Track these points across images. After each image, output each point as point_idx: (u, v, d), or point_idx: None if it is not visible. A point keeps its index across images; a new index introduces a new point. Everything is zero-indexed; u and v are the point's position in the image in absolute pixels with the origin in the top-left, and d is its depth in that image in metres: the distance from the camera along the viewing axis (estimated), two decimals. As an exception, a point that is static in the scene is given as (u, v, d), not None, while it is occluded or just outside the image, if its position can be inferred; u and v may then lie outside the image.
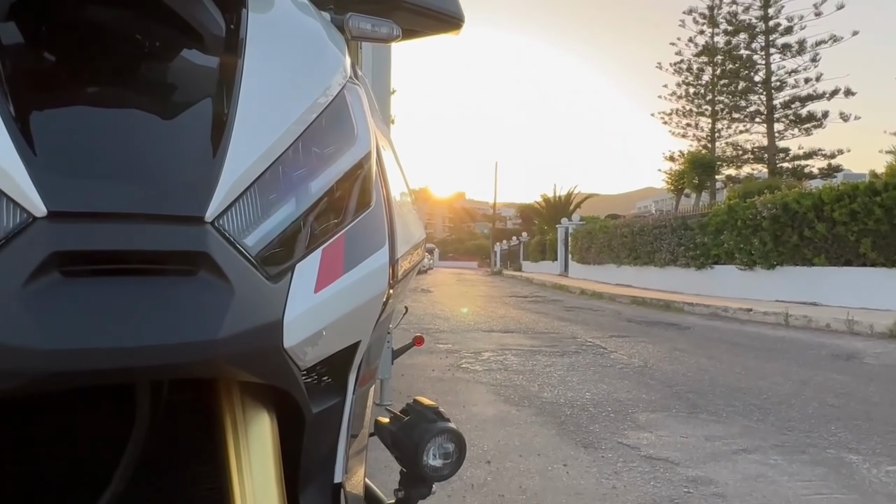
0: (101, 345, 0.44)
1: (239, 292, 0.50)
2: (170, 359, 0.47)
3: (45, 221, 0.43)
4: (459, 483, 2.94)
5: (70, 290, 0.44)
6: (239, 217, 0.52)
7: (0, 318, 0.42)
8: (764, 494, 2.85)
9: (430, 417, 0.82)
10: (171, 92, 0.55)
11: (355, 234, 0.64)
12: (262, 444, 0.66)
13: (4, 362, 0.42)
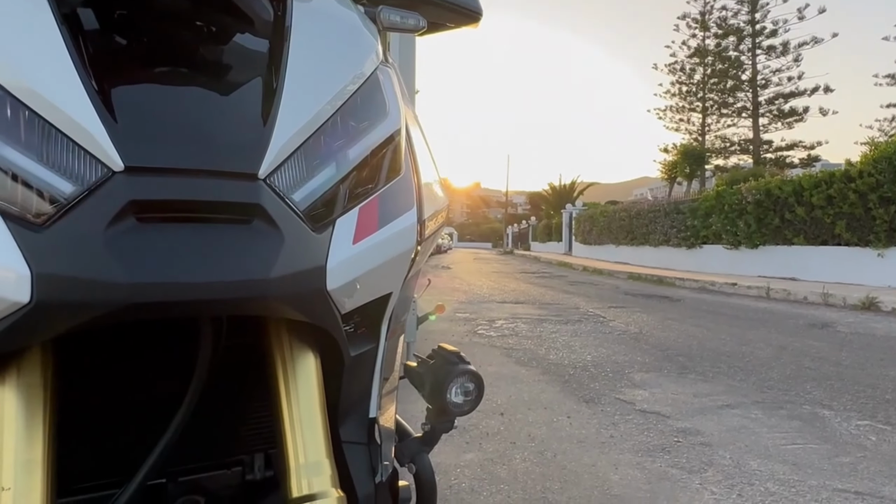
0: (173, 279, 0.45)
1: (288, 240, 0.51)
2: (230, 294, 0.48)
3: (123, 175, 0.45)
4: (476, 431, 2.97)
5: (145, 234, 0.45)
6: (287, 176, 0.53)
7: (87, 258, 0.43)
8: (746, 444, 2.84)
9: (453, 360, 0.83)
10: (227, 70, 0.56)
11: (387, 196, 0.65)
12: (308, 381, 0.67)
13: (91, 295, 0.43)
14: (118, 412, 0.71)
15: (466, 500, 2.20)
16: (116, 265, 0.43)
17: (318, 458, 0.64)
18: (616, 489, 2.32)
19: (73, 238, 0.43)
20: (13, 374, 0.54)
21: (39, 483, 0.52)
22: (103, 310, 0.44)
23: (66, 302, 0.43)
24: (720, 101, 33.99)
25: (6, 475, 0.51)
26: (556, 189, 43.22)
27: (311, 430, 0.64)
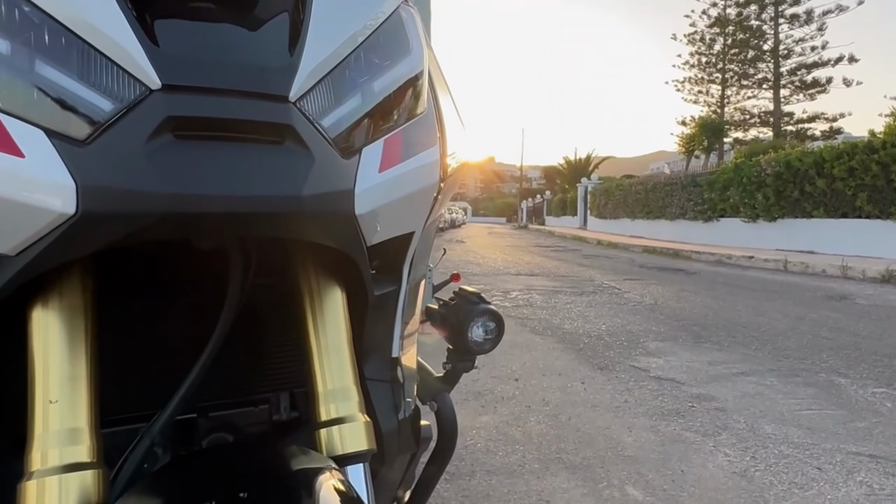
0: (210, 192, 0.47)
1: (318, 161, 0.53)
2: (265, 208, 0.50)
3: (160, 93, 0.46)
4: (491, 396, 3.01)
5: (182, 149, 0.47)
6: (315, 102, 0.54)
7: (128, 170, 0.45)
8: (760, 409, 2.85)
9: (474, 300, 0.85)
10: (255, 4, 0.57)
11: (411, 131, 0.66)
12: (335, 314, 0.69)
13: (133, 205, 0.45)
14: (149, 346, 0.74)
15: (482, 459, 2.25)
16: (156, 177, 0.45)
17: (345, 384, 0.66)
18: (629, 450, 2.35)
19: (113, 152, 0.45)
20: (56, 297, 0.56)
21: (85, 398, 0.55)
22: (144, 220, 0.46)
23: (110, 213, 0.45)
24: (740, 72, 33.28)
25: (53, 389, 0.54)
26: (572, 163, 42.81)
27: (339, 358, 0.67)
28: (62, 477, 0.51)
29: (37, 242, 0.47)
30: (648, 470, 2.17)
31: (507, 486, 2.03)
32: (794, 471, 2.18)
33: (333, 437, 0.63)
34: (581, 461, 2.24)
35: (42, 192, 0.45)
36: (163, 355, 0.74)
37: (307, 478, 0.52)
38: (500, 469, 2.17)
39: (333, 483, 0.52)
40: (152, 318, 0.74)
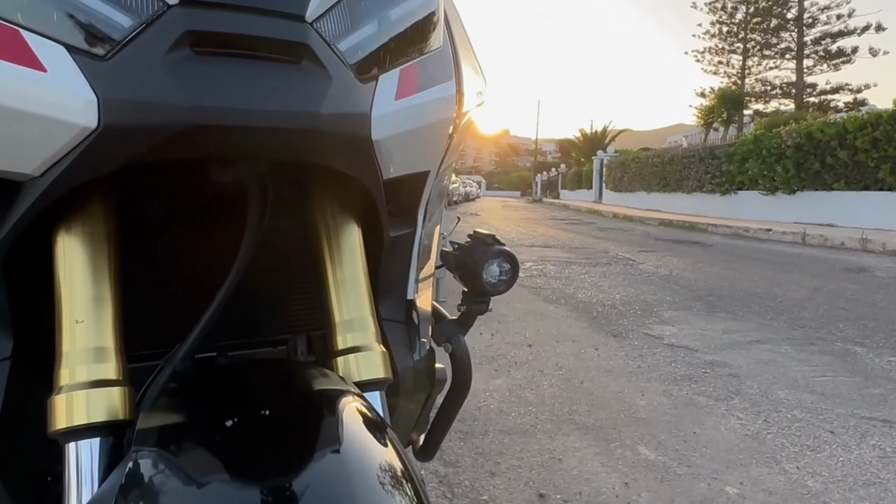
0: (230, 105, 0.48)
1: (335, 82, 0.53)
2: (283, 123, 0.50)
3: (178, 7, 0.47)
4: (504, 361, 3.04)
5: (200, 64, 0.47)
6: (332, 25, 0.54)
7: (148, 83, 0.46)
8: (774, 375, 2.85)
9: (489, 241, 0.85)
10: None
11: (427, 63, 0.65)
12: (352, 252, 0.70)
13: (154, 117, 0.46)
14: (168, 283, 0.75)
15: (495, 419, 2.28)
16: (175, 89, 0.46)
17: (362, 315, 0.67)
18: (642, 413, 2.37)
19: (133, 67, 0.46)
20: (79, 222, 0.58)
21: (110, 319, 0.56)
22: (164, 133, 0.46)
23: (131, 126, 0.46)
24: (762, 41, 32.43)
25: (79, 309, 0.55)
26: (587, 136, 42.25)
27: (355, 290, 0.68)
28: (89, 392, 0.52)
29: (60, 161, 0.48)
30: (661, 431, 2.19)
31: (519, 445, 2.06)
32: (806, 434, 2.19)
33: (350, 364, 0.64)
34: (593, 422, 2.26)
35: (64, 105, 0.45)
36: (182, 292, 0.75)
37: (329, 399, 0.53)
38: (513, 429, 2.20)
39: (356, 405, 0.53)
40: (171, 256, 0.76)
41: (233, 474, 0.43)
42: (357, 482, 0.44)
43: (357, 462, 0.46)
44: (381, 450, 0.48)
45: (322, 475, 0.44)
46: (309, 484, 0.43)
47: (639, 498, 1.72)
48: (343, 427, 0.48)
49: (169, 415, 0.52)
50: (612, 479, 1.83)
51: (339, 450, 0.46)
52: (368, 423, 0.51)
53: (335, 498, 0.42)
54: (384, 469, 0.46)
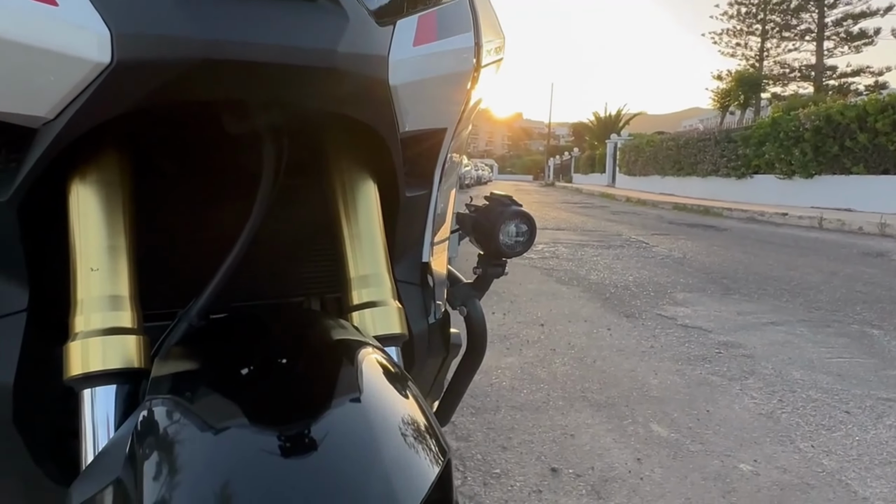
0: (245, 38, 0.46)
1: (352, 22, 0.51)
2: (299, 60, 0.49)
3: None
4: (516, 339, 3.03)
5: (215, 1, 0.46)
6: None
7: (162, 17, 0.45)
8: (789, 356, 2.82)
9: (506, 202, 0.84)
10: None
11: (446, 13, 0.64)
12: (368, 208, 0.69)
13: (168, 51, 0.45)
14: (180, 241, 0.75)
15: (507, 396, 2.28)
16: (190, 23, 0.45)
17: (378, 270, 0.66)
18: (655, 392, 2.35)
19: (146, 1, 0.44)
20: (93, 170, 0.57)
21: (125, 268, 0.56)
22: (179, 69, 0.45)
23: (144, 60, 0.45)
24: (782, 23, 31.77)
25: (93, 257, 0.55)
26: (601, 119, 41.84)
27: (371, 246, 0.67)
28: (105, 339, 0.52)
29: (73, 101, 0.47)
30: (674, 409, 2.18)
31: (531, 421, 2.06)
32: (821, 414, 2.17)
33: (366, 319, 0.64)
34: (606, 400, 2.26)
35: (76, 40, 0.44)
36: (194, 251, 0.74)
37: (348, 349, 0.52)
38: (525, 405, 2.19)
39: (376, 357, 0.52)
40: (183, 213, 0.75)
41: (250, 420, 0.42)
42: (379, 431, 0.42)
43: (379, 411, 0.44)
44: (403, 401, 0.47)
45: (342, 423, 0.43)
46: (328, 431, 0.41)
47: (652, 473, 1.72)
48: (363, 377, 0.47)
49: (184, 363, 0.51)
50: (625, 454, 1.83)
51: (360, 399, 0.44)
52: (389, 375, 0.50)
53: (355, 446, 0.41)
54: (407, 421, 0.45)
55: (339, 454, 0.39)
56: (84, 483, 0.45)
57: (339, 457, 0.39)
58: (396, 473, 0.39)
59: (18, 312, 0.62)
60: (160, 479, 0.39)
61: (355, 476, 0.38)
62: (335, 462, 0.39)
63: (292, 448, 0.40)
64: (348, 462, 0.39)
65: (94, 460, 0.47)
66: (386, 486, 0.38)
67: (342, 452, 0.40)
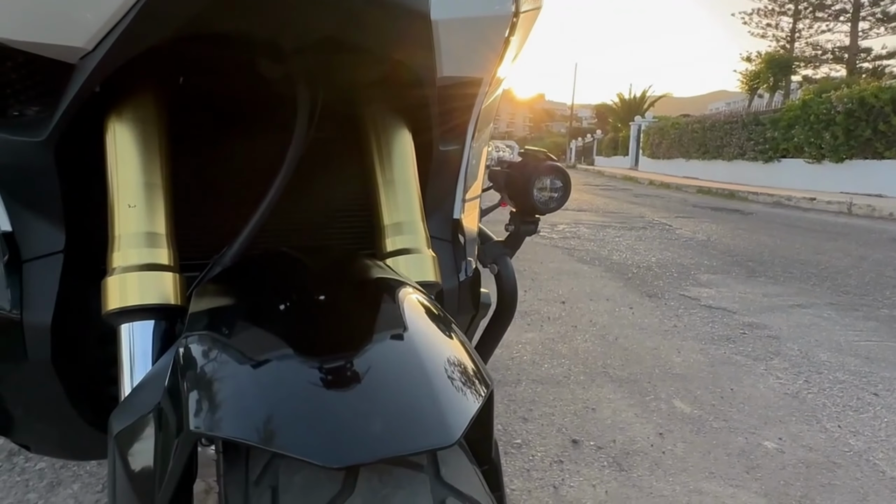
0: None
1: None
2: None
3: None
4: (537, 316, 3.02)
5: None
6: None
7: None
8: (816, 339, 2.78)
9: (540, 157, 0.82)
10: None
11: None
12: (403, 155, 0.68)
13: None
14: (213, 189, 0.74)
15: (528, 370, 2.27)
16: None
17: (412, 218, 0.65)
18: (678, 369, 2.33)
19: None
20: (130, 110, 0.57)
21: (161, 206, 0.56)
22: (198, 4, 0.44)
23: None
24: (816, 2, 30.77)
25: (131, 194, 0.55)
26: (625, 101, 41.11)
27: (406, 193, 0.66)
28: (141, 274, 0.52)
29: (111, 31, 0.47)
30: (697, 387, 2.16)
31: (552, 394, 2.05)
32: (849, 395, 2.13)
33: (399, 266, 0.63)
34: (628, 376, 2.24)
35: None
36: (228, 198, 0.74)
37: (390, 287, 0.51)
38: (546, 379, 2.19)
39: (417, 297, 0.51)
40: (216, 162, 0.75)
41: (289, 353, 0.41)
42: (424, 362, 0.41)
43: (422, 345, 0.43)
44: (446, 336, 0.45)
45: (386, 357, 0.41)
46: (372, 363, 0.40)
47: (674, 448, 1.71)
48: (406, 314, 0.46)
49: (222, 299, 0.51)
50: (647, 429, 1.82)
51: (403, 333, 0.43)
52: (430, 314, 0.48)
53: (402, 375, 0.40)
54: (450, 355, 0.43)
55: (384, 383, 0.38)
56: (123, 412, 0.45)
57: (385, 385, 0.38)
58: (443, 401, 0.38)
59: (55, 253, 0.62)
60: (200, 408, 0.39)
61: (403, 403, 0.37)
62: (380, 390, 0.38)
63: (336, 379, 0.39)
64: (394, 390, 0.38)
65: (133, 391, 0.47)
66: (435, 411, 0.37)
67: (388, 381, 0.39)
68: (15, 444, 0.77)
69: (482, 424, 0.44)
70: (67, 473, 1.47)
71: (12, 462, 1.51)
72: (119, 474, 0.43)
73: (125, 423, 0.43)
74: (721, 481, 1.55)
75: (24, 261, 0.61)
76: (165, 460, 0.39)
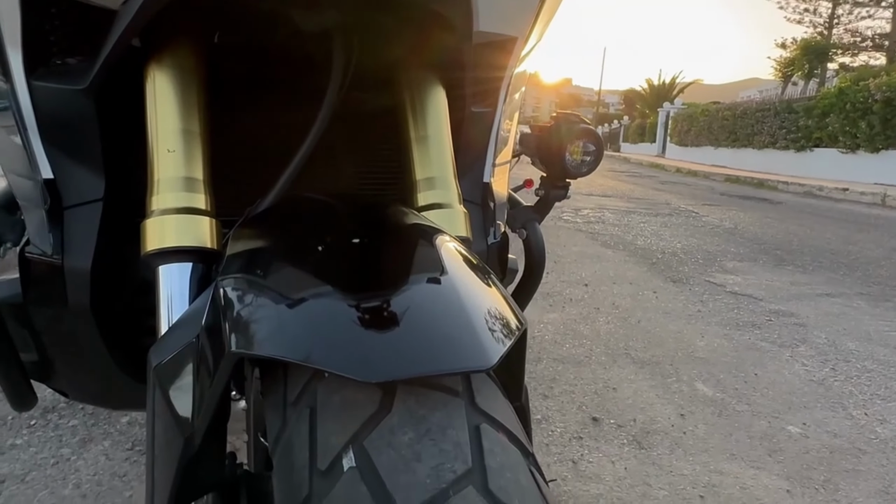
0: None
1: None
2: None
3: None
4: (559, 297, 3.01)
5: None
6: None
7: None
8: (844, 327, 2.73)
9: (573, 120, 0.81)
10: None
11: None
12: (437, 111, 0.68)
13: None
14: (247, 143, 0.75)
15: (549, 349, 2.27)
16: None
17: (445, 174, 0.65)
18: (701, 353, 2.31)
19: None
20: (169, 59, 0.57)
21: (199, 152, 0.57)
22: None
23: None
24: (857, -13, 29.76)
25: (171, 139, 0.56)
26: (654, 87, 40.37)
27: (438, 148, 0.66)
28: (179, 217, 0.53)
29: None
30: (720, 371, 2.14)
31: (573, 373, 2.05)
32: (877, 384, 2.09)
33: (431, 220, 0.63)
34: (650, 358, 2.23)
35: None
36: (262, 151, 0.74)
37: (425, 233, 0.51)
38: (567, 358, 2.19)
39: (454, 245, 0.50)
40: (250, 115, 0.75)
41: (326, 292, 0.40)
42: (462, 300, 0.40)
43: (460, 284, 0.42)
44: (483, 280, 0.45)
45: (423, 290, 0.41)
46: (409, 296, 0.40)
47: (695, 429, 1.70)
48: (443, 257, 0.45)
49: (258, 241, 0.51)
50: (668, 409, 1.81)
51: (440, 274, 0.43)
52: (467, 260, 0.48)
53: (436, 310, 0.39)
54: (489, 299, 0.43)
55: (422, 310, 0.38)
56: (162, 346, 0.46)
57: (422, 311, 0.38)
58: (479, 330, 0.38)
59: (95, 201, 0.64)
60: (240, 332, 0.39)
61: (440, 328, 0.37)
62: (418, 316, 0.38)
63: (374, 307, 0.38)
64: (432, 317, 0.38)
65: (171, 327, 0.48)
66: (471, 337, 0.37)
67: (426, 309, 0.39)
68: (53, 390, 0.80)
69: (515, 364, 0.44)
70: (98, 431, 1.51)
71: (46, 419, 1.56)
72: (159, 405, 0.44)
73: (164, 357, 0.44)
74: (742, 463, 1.54)
75: (65, 207, 0.63)
76: (205, 385, 0.40)
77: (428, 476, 0.31)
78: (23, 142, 0.62)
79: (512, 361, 0.44)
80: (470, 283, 0.43)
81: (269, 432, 0.38)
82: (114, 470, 1.36)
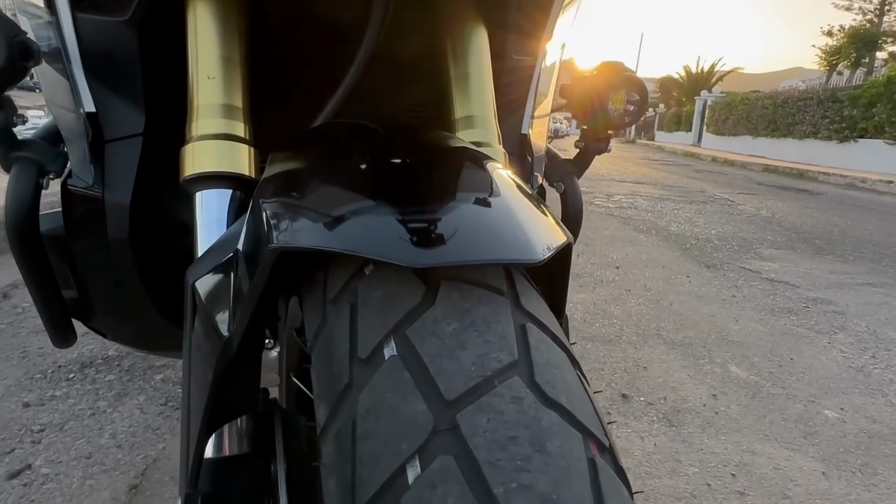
0: None
1: None
2: None
3: None
4: (589, 279, 2.97)
5: None
6: None
7: None
8: (885, 317, 2.64)
9: (617, 68, 0.78)
10: None
11: None
12: (479, 52, 0.66)
13: None
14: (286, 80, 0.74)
15: (578, 328, 2.25)
16: None
17: (485, 113, 0.64)
18: (734, 337, 2.26)
19: None
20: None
21: (239, 81, 0.56)
22: None
23: None
24: (911, -27, 28.48)
25: (211, 66, 0.55)
26: (692, 74, 39.33)
27: (479, 87, 0.64)
28: (218, 143, 0.53)
29: None
30: (754, 354, 2.09)
31: (603, 352, 2.03)
32: (919, 373, 2.02)
33: None
34: (682, 339, 2.19)
35: None
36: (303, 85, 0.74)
37: (475, 158, 0.49)
38: (597, 337, 2.16)
39: (505, 172, 0.48)
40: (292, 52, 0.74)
41: (370, 208, 0.38)
42: (511, 208, 0.39)
43: (509, 195, 0.41)
44: (534, 202, 0.43)
45: (471, 202, 0.39)
46: (457, 207, 0.38)
47: (728, 409, 1.66)
48: (491, 175, 0.44)
49: (296, 163, 0.49)
50: (700, 390, 1.78)
51: (489, 189, 0.41)
52: (513, 180, 0.46)
53: (486, 210, 0.38)
54: (537, 210, 0.41)
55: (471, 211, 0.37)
56: (199, 265, 0.46)
57: (471, 211, 0.37)
58: (528, 230, 0.37)
59: (135, 136, 0.64)
60: (280, 229, 0.38)
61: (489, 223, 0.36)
62: (467, 213, 0.37)
63: (418, 214, 0.37)
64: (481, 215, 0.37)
65: (208, 249, 0.48)
66: (520, 234, 0.36)
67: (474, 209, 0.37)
68: (91, 329, 0.81)
69: (558, 283, 0.43)
70: (134, 386, 1.55)
71: (84, 373, 1.61)
72: (197, 321, 0.44)
73: (202, 273, 0.44)
74: (776, 444, 1.50)
75: (106, 141, 0.63)
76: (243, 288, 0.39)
77: (473, 364, 0.30)
78: (67, 75, 0.62)
79: (555, 279, 0.43)
80: (517, 196, 0.42)
81: (308, 330, 0.37)
82: (148, 423, 1.39)
